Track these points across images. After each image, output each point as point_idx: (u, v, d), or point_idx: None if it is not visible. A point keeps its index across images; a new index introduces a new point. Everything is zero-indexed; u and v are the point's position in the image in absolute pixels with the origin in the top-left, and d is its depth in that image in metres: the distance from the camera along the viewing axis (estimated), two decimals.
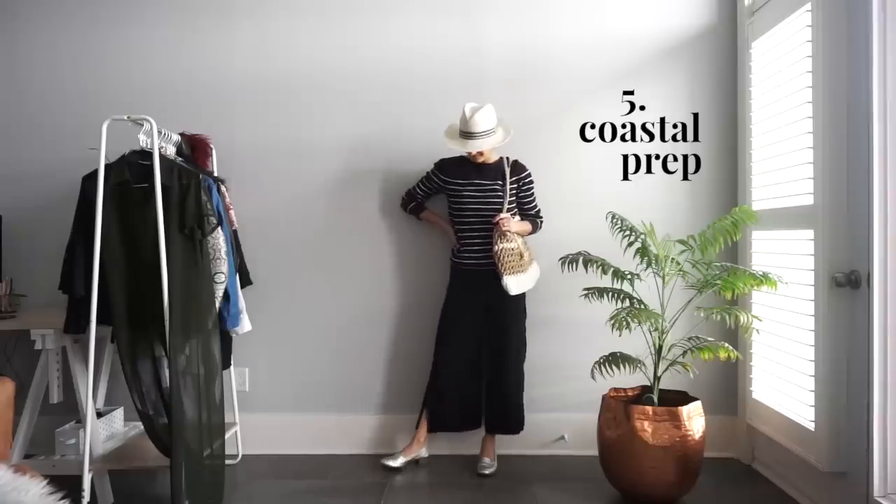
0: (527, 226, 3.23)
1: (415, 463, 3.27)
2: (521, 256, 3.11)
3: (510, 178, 3.16)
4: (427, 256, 3.46)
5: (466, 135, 3.04)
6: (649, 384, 2.91)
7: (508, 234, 3.07)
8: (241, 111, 3.50)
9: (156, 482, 3.11)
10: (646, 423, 2.69)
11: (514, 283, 3.06)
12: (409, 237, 3.49)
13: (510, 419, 3.22)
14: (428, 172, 3.29)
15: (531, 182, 3.23)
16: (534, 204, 3.28)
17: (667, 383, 2.96)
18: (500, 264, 3.04)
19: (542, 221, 3.31)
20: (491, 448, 3.26)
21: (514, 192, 3.19)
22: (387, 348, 3.52)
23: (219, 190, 3.01)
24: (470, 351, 3.23)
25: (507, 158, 3.21)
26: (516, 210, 3.23)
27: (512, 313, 3.19)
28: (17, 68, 3.56)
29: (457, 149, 3.12)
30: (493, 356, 3.23)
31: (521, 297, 3.20)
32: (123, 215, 2.76)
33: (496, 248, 3.05)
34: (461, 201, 3.18)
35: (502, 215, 3.09)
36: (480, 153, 3.11)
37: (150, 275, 2.69)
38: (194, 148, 3.11)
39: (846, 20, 2.50)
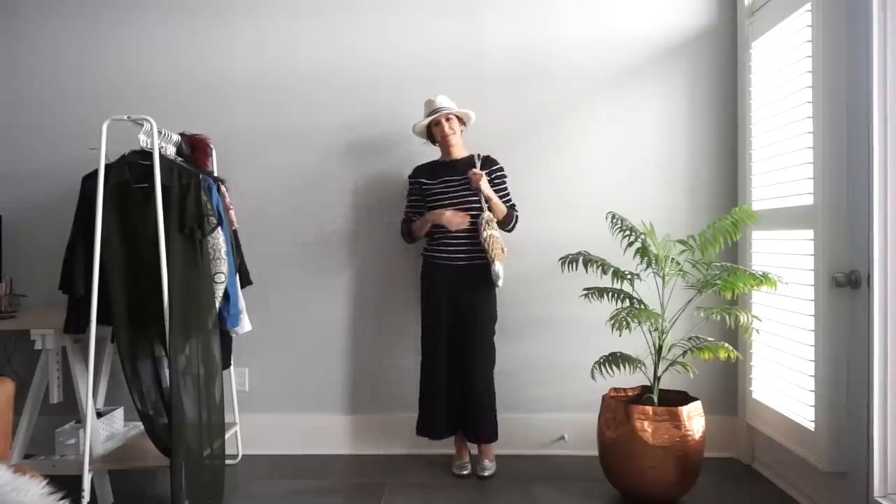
0: (503, 206, 3.15)
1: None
2: (503, 250, 3.10)
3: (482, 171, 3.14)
4: None
5: (432, 112, 3.13)
6: (649, 384, 2.91)
7: (491, 221, 3.06)
8: (240, 111, 3.51)
9: (156, 482, 3.11)
10: (646, 423, 2.69)
11: (502, 271, 3.05)
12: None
13: (494, 426, 3.17)
14: (407, 189, 3.28)
15: (503, 175, 3.21)
16: (508, 197, 3.24)
17: (667, 383, 2.96)
18: (489, 251, 3.02)
19: (517, 214, 3.23)
20: (489, 450, 3.23)
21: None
22: (388, 348, 3.51)
23: (219, 190, 3.01)
24: (451, 353, 3.16)
25: (478, 154, 3.20)
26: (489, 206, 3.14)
27: (486, 317, 3.14)
28: (17, 68, 3.56)
29: (424, 123, 3.15)
30: (467, 364, 3.13)
31: (494, 301, 3.18)
32: (123, 215, 2.76)
33: (484, 234, 3.03)
34: (436, 199, 3.15)
35: (475, 170, 3.07)
36: (446, 138, 3.12)
37: (150, 275, 2.69)
38: (194, 148, 3.11)
39: (846, 20, 2.50)
